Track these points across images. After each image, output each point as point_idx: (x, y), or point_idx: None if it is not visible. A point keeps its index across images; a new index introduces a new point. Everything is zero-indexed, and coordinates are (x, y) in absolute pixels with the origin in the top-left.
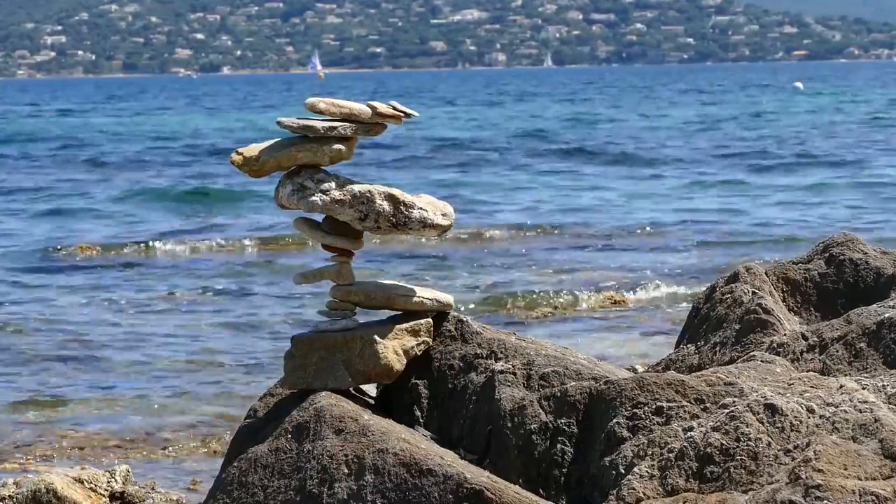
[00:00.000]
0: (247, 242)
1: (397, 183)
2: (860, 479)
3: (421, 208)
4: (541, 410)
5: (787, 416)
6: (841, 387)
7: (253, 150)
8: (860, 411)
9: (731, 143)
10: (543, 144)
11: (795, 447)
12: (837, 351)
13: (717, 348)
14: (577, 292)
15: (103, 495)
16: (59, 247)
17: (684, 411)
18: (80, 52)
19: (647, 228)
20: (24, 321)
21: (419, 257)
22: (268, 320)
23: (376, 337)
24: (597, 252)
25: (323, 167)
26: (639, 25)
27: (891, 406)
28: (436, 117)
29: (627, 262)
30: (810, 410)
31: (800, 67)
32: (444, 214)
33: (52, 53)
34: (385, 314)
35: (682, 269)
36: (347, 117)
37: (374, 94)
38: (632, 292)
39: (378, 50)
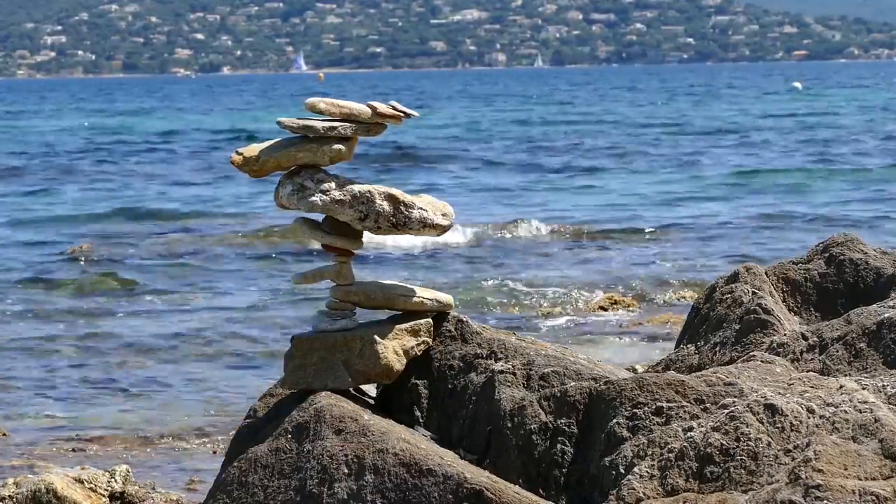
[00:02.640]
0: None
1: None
2: (860, 479)
3: (421, 208)
4: (541, 410)
5: (787, 416)
6: (841, 387)
7: (253, 150)
8: (860, 411)
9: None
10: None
11: (795, 447)
12: (837, 351)
13: (717, 348)
14: (577, 292)
15: (103, 495)
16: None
17: (684, 411)
18: (80, 52)
19: (646, 228)
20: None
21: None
22: (269, 318)
23: (376, 337)
24: (595, 252)
25: (323, 167)
26: (639, 25)
27: (891, 406)
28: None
29: (626, 263)
30: (810, 410)
31: (799, 67)
32: (444, 214)
33: (52, 53)
34: (385, 314)
35: (681, 269)
36: (347, 117)
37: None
38: (631, 292)
39: (378, 50)
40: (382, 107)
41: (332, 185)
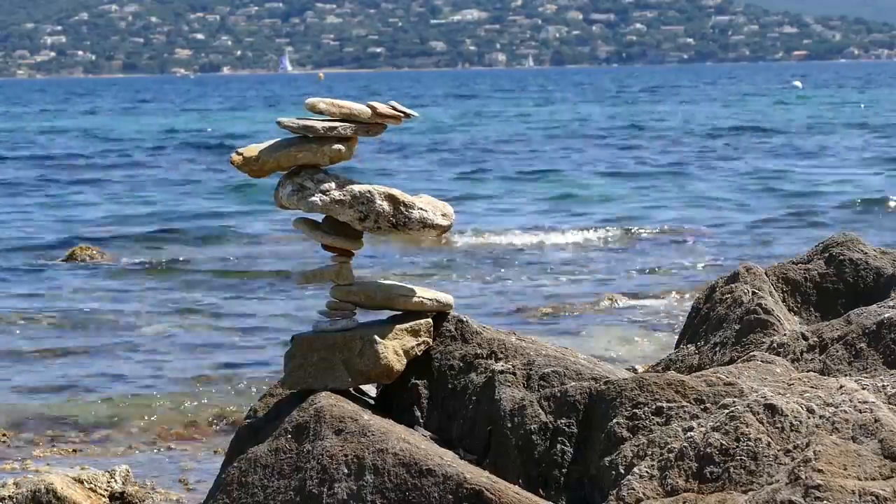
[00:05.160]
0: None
1: None
2: (860, 479)
3: (421, 208)
4: (541, 410)
5: (787, 416)
6: (841, 387)
7: (253, 150)
8: (860, 411)
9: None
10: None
11: (795, 447)
12: (837, 351)
13: (717, 348)
14: (577, 292)
15: (103, 495)
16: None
17: (684, 411)
18: (80, 52)
19: (645, 228)
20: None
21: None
22: (269, 318)
23: (376, 337)
24: (594, 252)
25: (323, 167)
26: (639, 25)
27: (891, 406)
28: None
29: (625, 263)
30: (810, 410)
31: (799, 67)
32: (443, 214)
33: (52, 53)
34: (385, 314)
35: (680, 268)
36: (347, 117)
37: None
38: (630, 292)
39: (378, 50)
40: (382, 107)
41: (332, 185)
